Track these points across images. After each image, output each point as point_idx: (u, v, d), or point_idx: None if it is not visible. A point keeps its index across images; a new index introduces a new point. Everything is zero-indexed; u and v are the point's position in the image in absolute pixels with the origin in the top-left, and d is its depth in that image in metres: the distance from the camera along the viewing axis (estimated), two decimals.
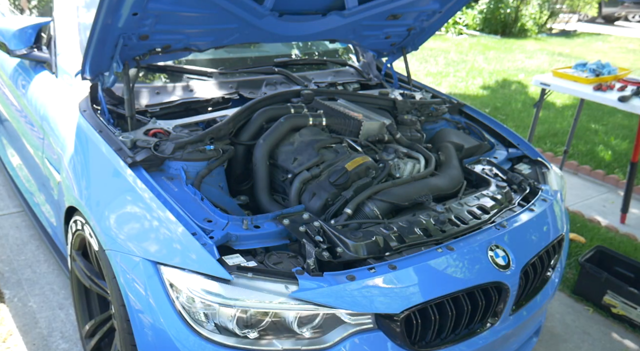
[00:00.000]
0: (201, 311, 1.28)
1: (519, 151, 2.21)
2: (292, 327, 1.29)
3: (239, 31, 1.94)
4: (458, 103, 2.52)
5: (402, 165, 1.89)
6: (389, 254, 1.44)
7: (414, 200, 1.67)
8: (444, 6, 2.28)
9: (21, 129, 2.44)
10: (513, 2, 10.66)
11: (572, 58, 8.34)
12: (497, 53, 8.73)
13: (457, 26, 10.45)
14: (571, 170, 4.17)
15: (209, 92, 2.15)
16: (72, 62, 2.06)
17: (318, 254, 1.37)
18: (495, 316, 1.54)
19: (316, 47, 2.94)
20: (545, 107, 5.43)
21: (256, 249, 1.46)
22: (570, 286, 2.66)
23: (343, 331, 1.32)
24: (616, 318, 2.47)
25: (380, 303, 1.33)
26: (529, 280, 1.63)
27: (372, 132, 2.01)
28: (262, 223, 1.49)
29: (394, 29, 2.40)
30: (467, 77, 7.01)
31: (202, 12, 1.76)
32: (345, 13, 2.03)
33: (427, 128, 2.33)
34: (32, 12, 2.82)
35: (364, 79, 2.66)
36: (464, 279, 1.45)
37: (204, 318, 1.29)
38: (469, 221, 1.61)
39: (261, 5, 1.81)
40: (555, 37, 11.23)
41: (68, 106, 1.93)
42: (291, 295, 1.25)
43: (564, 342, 2.32)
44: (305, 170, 1.71)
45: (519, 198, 1.83)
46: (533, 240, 1.69)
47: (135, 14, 1.55)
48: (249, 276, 1.27)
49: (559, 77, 3.37)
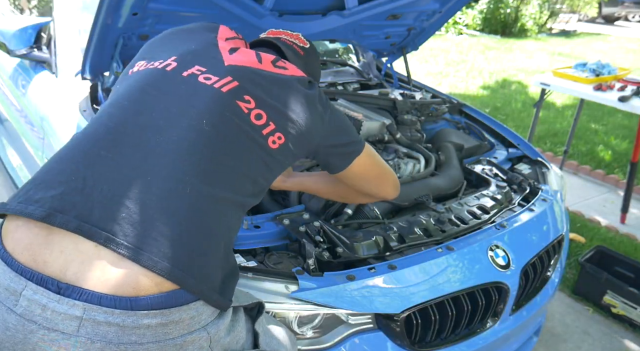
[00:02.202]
0: None
1: (519, 151, 2.21)
2: (292, 327, 1.29)
3: (239, 31, 1.92)
4: (458, 103, 2.52)
5: (402, 165, 1.89)
6: (389, 254, 1.44)
7: (414, 200, 1.67)
8: (444, 6, 2.28)
9: (21, 129, 2.44)
10: (513, 2, 10.66)
11: (572, 58, 8.33)
12: (497, 53, 8.73)
13: (457, 26, 10.44)
14: (571, 170, 4.17)
15: None
16: (72, 62, 2.06)
17: (318, 254, 1.37)
18: (495, 317, 1.54)
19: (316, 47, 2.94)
20: (545, 107, 5.43)
21: (256, 249, 1.46)
22: (570, 286, 2.66)
23: (343, 331, 1.32)
24: (616, 318, 2.47)
25: (380, 303, 1.33)
26: (529, 280, 1.63)
27: (372, 132, 2.01)
28: (262, 223, 1.49)
29: (394, 29, 2.40)
30: (467, 77, 7.01)
31: (202, 12, 1.76)
32: (345, 13, 2.03)
33: (427, 128, 2.33)
34: (32, 12, 2.82)
35: (364, 79, 2.66)
36: (464, 279, 1.45)
37: None
38: (469, 221, 1.61)
39: (261, 5, 1.81)
40: (555, 37, 11.23)
41: (68, 106, 1.93)
42: (291, 295, 1.25)
43: (564, 342, 2.32)
44: (306, 170, 1.71)
45: (519, 198, 1.83)
46: (533, 240, 1.69)
47: (135, 14, 1.55)
48: (249, 276, 1.27)
49: (559, 77, 3.37)
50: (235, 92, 1.01)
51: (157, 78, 1.03)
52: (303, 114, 1.08)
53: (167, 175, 0.88)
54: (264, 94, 1.04)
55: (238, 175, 0.97)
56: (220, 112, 0.98)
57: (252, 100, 1.02)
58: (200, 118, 0.95)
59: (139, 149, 0.90)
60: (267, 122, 1.02)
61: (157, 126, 0.94)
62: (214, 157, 0.93)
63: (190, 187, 0.87)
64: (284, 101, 1.06)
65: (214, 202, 0.90)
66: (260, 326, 1.00)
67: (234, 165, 0.96)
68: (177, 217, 0.85)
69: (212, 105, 0.98)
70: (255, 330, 0.98)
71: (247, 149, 0.99)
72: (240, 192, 0.97)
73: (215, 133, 0.95)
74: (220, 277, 0.88)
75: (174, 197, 0.86)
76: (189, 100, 0.98)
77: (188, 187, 0.87)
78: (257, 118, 1.01)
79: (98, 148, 0.90)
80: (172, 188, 0.86)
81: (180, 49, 1.11)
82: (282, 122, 1.04)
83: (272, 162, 1.04)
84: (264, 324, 1.03)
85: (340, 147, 1.21)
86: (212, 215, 0.89)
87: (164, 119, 0.95)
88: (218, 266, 0.88)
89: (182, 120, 0.95)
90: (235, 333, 0.92)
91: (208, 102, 0.98)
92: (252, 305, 1.00)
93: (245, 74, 1.06)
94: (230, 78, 1.03)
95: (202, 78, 1.02)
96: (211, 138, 0.94)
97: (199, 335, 0.83)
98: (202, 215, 0.88)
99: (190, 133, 0.93)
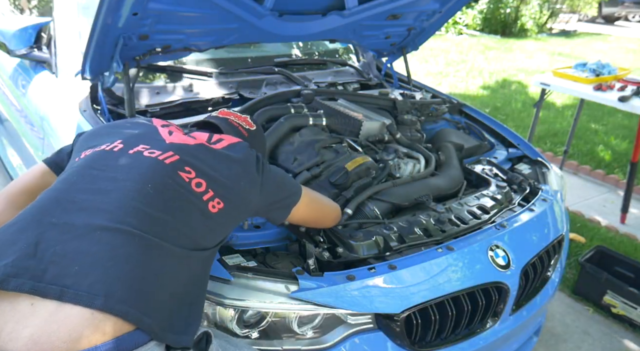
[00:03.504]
0: None
1: (519, 151, 2.21)
2: (292, 327, 1.30)
3: (238, 31, 1.94)
4: (458, 103, 2.52)
5: (402, 165, 1.89)
6: (389, 254, 1.44)
7: (414, 200, 1.67)
8: (444, 6, 2.28)
9: (21, 129, 2.44)
10: (513, 2, 10.66)
11: (572, 58, 8.34)
12: (497, 53, 8.73)
13: (457, 26, 10.45)
14: (571, 170, 4.17)
15: (209, 92, 2.15)
16: (72, 62, 2.05)
17: (318, 254, 1.37)
18: (495, 317, 1.54)
19: (316, 47, 2.94)
20: (545, 107, 5.43)
21: (256, 249, 1.46)
22: (570, 286, 2.66)
23: (343, 331, 1.33)
24: (616, 318, 2.47)
25: (380, 303, 1.33)
26: (529, 280, 1.63)
27: (372, 132, 2.01)
28: (262, 224, 1.49)
29: (394, 29, 2.40)
30: (467, 77, 7.01)
31: (202, 12, 1.75)
32: (345, 13, 2.03)
33: (427, 128, 2.33)
34: (32, 12, 2.82)
35: (364, 79, 2.66)
36: (464, 279, 1.45)
37: (204, 319, 1.29)
38: (469, 221, 1.61)
39: (261, 5, 1.81)
40: (555, 37, 11.23)
41: (68, 106, 1.93)
42: (291, 295, 1.25)
43: (564, 342, 2.32)
44: (306, 170, 1.71)
45: (519, 198, 1.83)
46: (533, 240, 1.69)
47: (135, 14, 1.55)
48: (249, 276, 1.27)
49: (559, 77, 3.37)
50: (177, 164, 1.11)
51: (105, 157, 1.12)
52: (239, 182, 1.18)
53: (114, 228, 0.92)
54: (203, 165, 1.15)
55: (179, 233, 1.01)
56: (162, 178, 1.07)
57: (192, 171, 1.12)
58: (145, 183, 1.04)
59: (88, 211, 0.96)
60: (206, 189, 1.11)
61: (105, 190, 1.01)
62: (158, 216, 1.00)
63: (138, 238, 0.93)
64: (220, 171, 1.16)
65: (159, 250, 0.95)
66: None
67: (175, 224, 1.02)
68: (129, 264, 0.89)
69: (156, 172, 1.07)
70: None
71: (188, 213, 1.06)
72: (186, 247, 1.01)
73: (158, 195, 1.03)
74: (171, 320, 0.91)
75: (122, 247, 0.91)
76: (135, 168, 1.07)
77: (136, 237, 0.93)
78: (197, 186, 1.10)
79: (49, 217, 0.94)
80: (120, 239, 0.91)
81: (125, 134, 1.22)
82: (220, 190, 1.13)
83: (213, 224, 1.11)
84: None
85: (277, 203, 1.30)
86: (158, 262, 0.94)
87: (111, 185, 1.03)
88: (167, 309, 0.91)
89: (127, 184, 1.03)
90: None
91: (153, 169, 1.08)
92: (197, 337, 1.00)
93: (185, 149, 1.17)
94: (172, 153, 1.14)
95: (147, 153, 1.13)
96: (155, 199, 1.02)
97: None
98: (150, 262, 0.92)
99: (135, 194, 1.01)
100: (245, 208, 1.21)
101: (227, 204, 1.13)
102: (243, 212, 1.22)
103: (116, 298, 0.83)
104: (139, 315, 0.84)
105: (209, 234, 1.10)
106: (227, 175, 1.16)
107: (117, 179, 1.04)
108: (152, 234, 0.95)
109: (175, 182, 1.07)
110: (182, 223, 1.03)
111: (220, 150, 1.23)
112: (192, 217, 1.06)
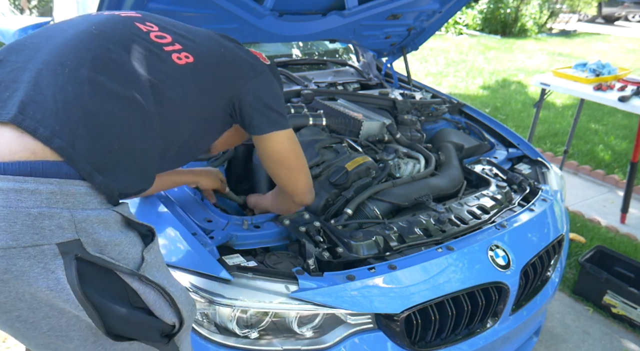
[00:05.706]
0: (201, 311, 1.28)
1: (519, 151, 2.21)
2: (292, 327, 1.30)
3: (239, 31, 1.94)
4: (458, 103, 2.52)
5: (402, 165, 1.89)
6: (389, 254, 1.44)
7: (414, 200, 1.67)
8: (444, 6, 2.28)
9: None
10: (513, 2, 10.66)
11: (572, 58, 8.34)
12: (497, 53, 8.73)
13: (457, 26, 10.45)
14: (571, 170, 4.17)
15: None
16: None
17: (318, 254, 1.37)
18: (495, 317, 1.54)
19: (316, 47, 2.94)
20: (545, 107, 5.43)
21: (256, 249, 1.46)
22: (570, 286, 2.66)
23: (343, 331, 1.32)
24: (616, 318, 2.47)
25: (380, 303, 1.33)
26: (529, 280, 1.63)
27: (372, 132, 2.01)
28: (262, 223, 1.49)
29: (394, 29, 2.40)
30: (467, 77, 7.01)
31: (202, 12, 1.76)
32: (345, 13, 2.03)
33: (427, 128, 2.33)
34: (32, 12, 2.82)
35: (364, 79, 2.66)
36: (464, 279, 1.45)
37: (204, 318, 1.29)
38: (469, 221, 1.61)
39: (261, 5, 1.81)
40: (555, 37, 11.23)
41: None
42: (291, 295, 1.25)
43: (564, 342, 2.32)
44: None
45: (519, 198, 1.83)
46: (533, 240, 1.69)
47: None
48: (249, 276, 1.27)
49: (559, 77, 3.37)
50: (136, 18, 1.05)
51: (69, 21, 1.08)
52: (225, 57, 1.10)
53: (52, 61, 0.91)
54: (179, 31, 1.08)
55: (125, 70, 0.96)
56: (109, 22, 1.01)
57: (155, 26, 1.05)
58: (90, 24, 0.99)
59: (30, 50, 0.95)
60: (172, 42, 1.03)
61: (51, 36, 0.99)
62: (93, 49, 0.95)
63: (68, 68, 0.90)
64: (204, 45, 1.09)
65: (98, 87, 0.92)
66: (150, 255, 0.96)
67: (119, 57, 0.96)
68: (80, 101, 0.88)
69: (104, 19, 1.02)
70: (143, 255, 0.95)
71: (139, 55, 0.98)
72: (138, 91, 0.96)
73: (101, 35, 0.98)
74: (116, 172, 0.90)
75: (53, 76, 0.89)
76: (85, 22, 1.03)
77: (66, 68, 0.90)
78: (158, 38, 1.03)
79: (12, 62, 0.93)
80: (49, 70, 0.90)
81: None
82: (193, 47, 1.06)
83: (178, 76, 1.02)
84: (155, 256, 0.99)
85: (266, 107, 1.19)
86: (98, 98, 0.91)
87: (59, 34, 0.99)
88: (117, 161, 0.91)
89: (70, 31, 0.99)
90: (118, 242, 0.90)
91: (103, 17, 1.04)
92: (145, 229, 0.98)
93: (159, 18, 1.11)
94: (140, 15, 1.08)
95: (116, 14, 1.08)
96: (95, 38, 0.97)
97: (59, 213, 0.82)
98: (102, 102, 0.90)
99: (80, 35, 0.97)
100: (226, 84, 1.11)
101: (199, 61, 1.04)
102: (222, 86, 1.11)
103: (51, 127, 0.84)
104: (50, 135, 0.83)
105: (176, 87, 1.01)
106: (210, 47, 1.08)
107: (65, 30, 1.01)
108: (88, 68, 0.92)
109: (126, 28, 1.01)
110: (125, 58, 0.96)
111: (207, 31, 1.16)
112: (146, 60, 0.99)
